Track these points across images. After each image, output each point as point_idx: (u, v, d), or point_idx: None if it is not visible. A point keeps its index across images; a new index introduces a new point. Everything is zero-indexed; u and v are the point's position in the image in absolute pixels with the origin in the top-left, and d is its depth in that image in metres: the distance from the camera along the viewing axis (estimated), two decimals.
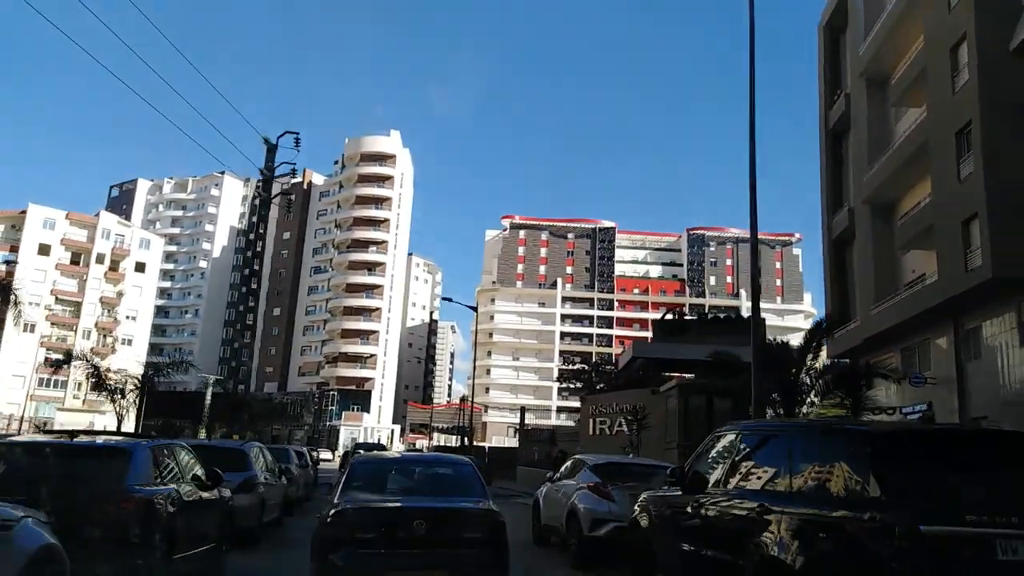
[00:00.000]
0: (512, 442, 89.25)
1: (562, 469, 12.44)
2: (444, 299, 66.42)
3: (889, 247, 27.92)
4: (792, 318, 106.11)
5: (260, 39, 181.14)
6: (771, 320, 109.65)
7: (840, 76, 32.71)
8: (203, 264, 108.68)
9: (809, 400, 14.89)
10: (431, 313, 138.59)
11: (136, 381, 32.08)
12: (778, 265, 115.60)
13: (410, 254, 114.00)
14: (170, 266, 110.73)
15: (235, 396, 44.92)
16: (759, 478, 5.63)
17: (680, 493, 6.62)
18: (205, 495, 7.85)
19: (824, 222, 32.42)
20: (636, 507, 7.73)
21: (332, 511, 6.29)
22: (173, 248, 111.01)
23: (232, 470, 10.51)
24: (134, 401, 47.80)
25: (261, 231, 24.01)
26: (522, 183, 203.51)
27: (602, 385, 36.43)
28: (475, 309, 46.36)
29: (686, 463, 6.95)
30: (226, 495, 8.73)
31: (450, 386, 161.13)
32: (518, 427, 42.44)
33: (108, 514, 6.02)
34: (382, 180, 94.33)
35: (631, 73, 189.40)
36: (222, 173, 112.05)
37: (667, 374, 29.60)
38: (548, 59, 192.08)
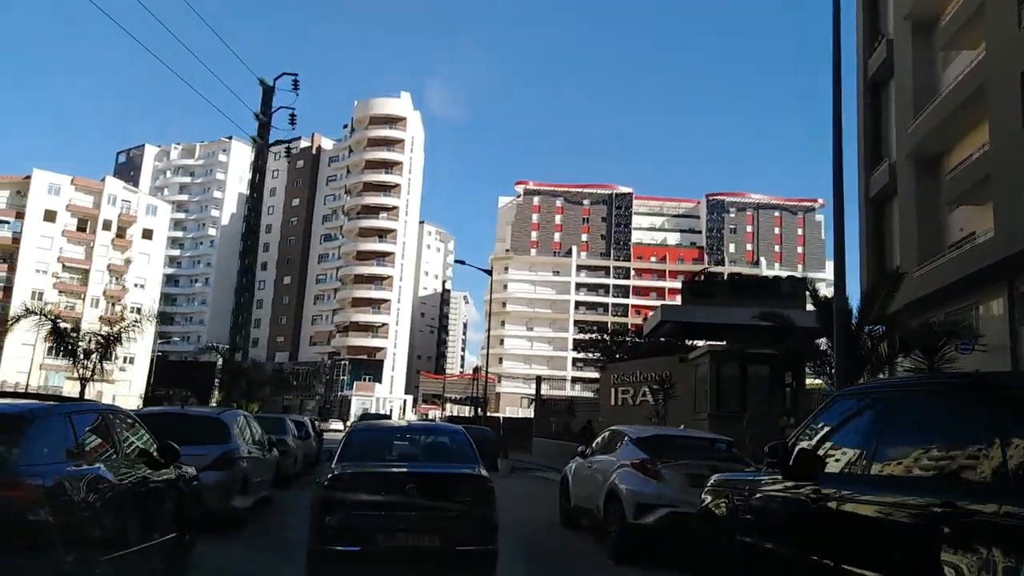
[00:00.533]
0: (526, 413, 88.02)
1: (595, 443, 10.67)
2: (457, 262, 64.20)
3: (935, 204, 25.67)
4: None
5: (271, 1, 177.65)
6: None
7: (880, 21, 30.16)
8: (212, 232, 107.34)
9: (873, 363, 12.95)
10: (444, 282, 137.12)
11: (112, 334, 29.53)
12: (800, 232, 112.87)
13: (422, 222, 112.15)
14: (179, 234, 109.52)
15: (232, 363, 43.46)
16: (933, 462, 3.77)
17: (780, 478, 4.80)
18: (153, 475, 6.10)
19: (860, 180, 30.18)
20: (707, 493, 5.91)
21: (329, 476, 6.53)
22: (181, 215, 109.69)
23: (209, 442, 8.88)
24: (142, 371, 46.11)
25: (258, 182, 22.03)
26: (536, 148, 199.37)
27: (622, 355, 34.67)
28: (489, 273, 44.53)
29: (788, 438, 5.08)
30: (189, 473, 7.00)
31: (463, 357, 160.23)
32: (533, 397, 40.83)
33: None
34: (392, 144, 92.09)
35: (648, 34, 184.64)
36: (230, 138, 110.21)
37: (692, 342, 27.71)
38: (563, 22, 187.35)
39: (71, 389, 67.02)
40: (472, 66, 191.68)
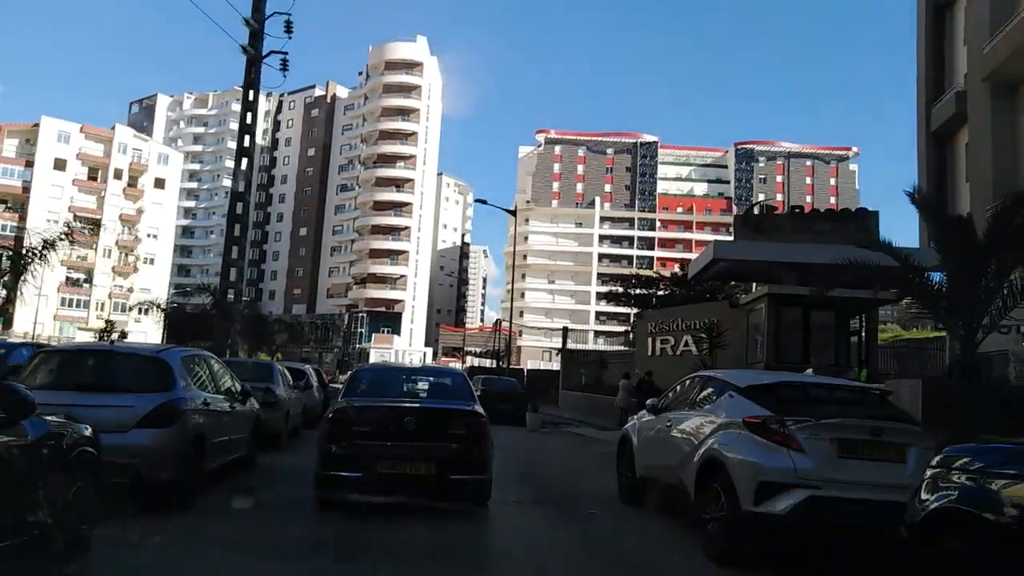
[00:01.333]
0: (548, 366, 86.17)
1: (670, 394, 8.06)
2: (478, 201, 61.48)
3: (1014, 133, 22.56)
4: None
5: None
6: None
7: None
8: (227, 183, 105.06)
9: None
10: (463, 235, 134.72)
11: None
12: (832, 182, 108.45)
13: (440, 174, 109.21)
14: (193, 185, 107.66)
15: (222, 305, 41.52)
16: None
17: None
18: None
19: (920, 112, 26.92)
20: (996, 484, 3.23)
21: (334, 408, 7.13)
22: (196, 166, 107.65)
23: (144, 390, 6.50)
24: (156, 322, 44.79)
25: (249, 123, 19.39)
26: (558, 95, 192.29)
27: (657, 303, 32.10)
28: (513, 213, 41.80)
29: None
30: (72, 437, 4.21)
31: (482, 311, 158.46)
32: (559, 349, 38.54)
33: None
34: (409, 90, 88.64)
35: None
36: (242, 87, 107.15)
37: (742, 286, 24.99)
38: None
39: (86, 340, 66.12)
40: (491, 12, 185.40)
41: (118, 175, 74.08)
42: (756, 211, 23.35)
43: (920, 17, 26.83)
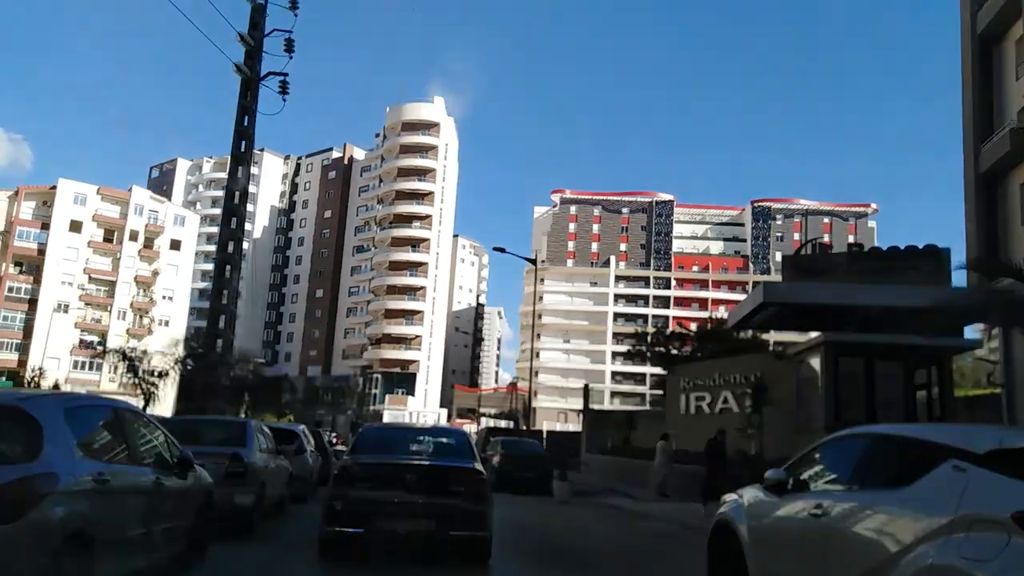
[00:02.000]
0: (565, 427, 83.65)
1: (809, 460, 5.27)
2: (496, 249, 60.72)
3: None
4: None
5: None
6: None
7: None
8: (244, 245, 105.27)
9: None
10: (478, 296, 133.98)
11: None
12: (851, 239, 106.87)
13: (455, 236, 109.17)
14: (211, 248, 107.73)
15: (208, 366, 41.10)
16: None
17: None
18: None
19: (968, 151, 25.70)
20: None
21: (339, 465, 7.57)
22: (214, 229, 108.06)
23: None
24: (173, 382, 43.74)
25: (246, 126, 18.38)
26: (573, 156, 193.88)
27: (688, 354, 30.41)
28: (534, 262, 40.33)
29: None
30: None
31: (497, 373, 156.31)
32: (581, 410, 36.73)
33: None
34: (425, 151, 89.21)
35: (689, 34, 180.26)
36: (261, 150, 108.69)
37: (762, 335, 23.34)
38: (595, 24, 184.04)
39: None
40: (503, 75, 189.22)
41: (134, 237, 74.12)
42: (808, 250, 21.71)
43: (966, 53, 25.91)
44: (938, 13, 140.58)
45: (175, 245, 76.12)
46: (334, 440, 42.85)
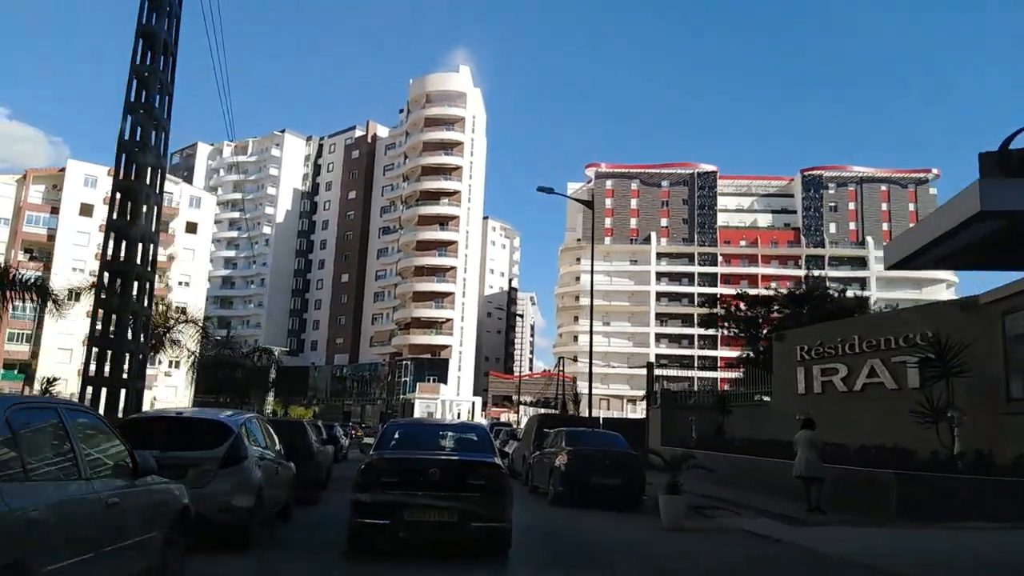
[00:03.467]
0: (622, 414, 78.07)
1: None
2: (541, 189, 53.34)
3: None
4: (931, 287, 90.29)
5: None
6: (905, 274, 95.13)
7: None
8: (267, 230, 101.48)
9: None
10: (510, 281, 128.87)
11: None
12: (911, 207, 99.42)
13: (486, 217, 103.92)
14: (233, 234, 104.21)
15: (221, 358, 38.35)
16: None
17: None
18: None
19: None
20: None
21: (365, 462, 7.65)
22: (235, 215, 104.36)
23: None
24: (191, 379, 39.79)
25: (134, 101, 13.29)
26: (606, 129, 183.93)
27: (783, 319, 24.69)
28: (590, 204, 34.44)
29: None
30: None
31: (531, 360, 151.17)
32: (644, 396, 31.25)
33: None
34: (452, 123, 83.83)
35: None
36: (282, 132, 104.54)
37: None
38: None
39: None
40: (535, 44, 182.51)
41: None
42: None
43: None
44: None
45: (191, 228, 71.87)
46: (353, 433, 39.21)
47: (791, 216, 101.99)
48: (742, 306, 32.74)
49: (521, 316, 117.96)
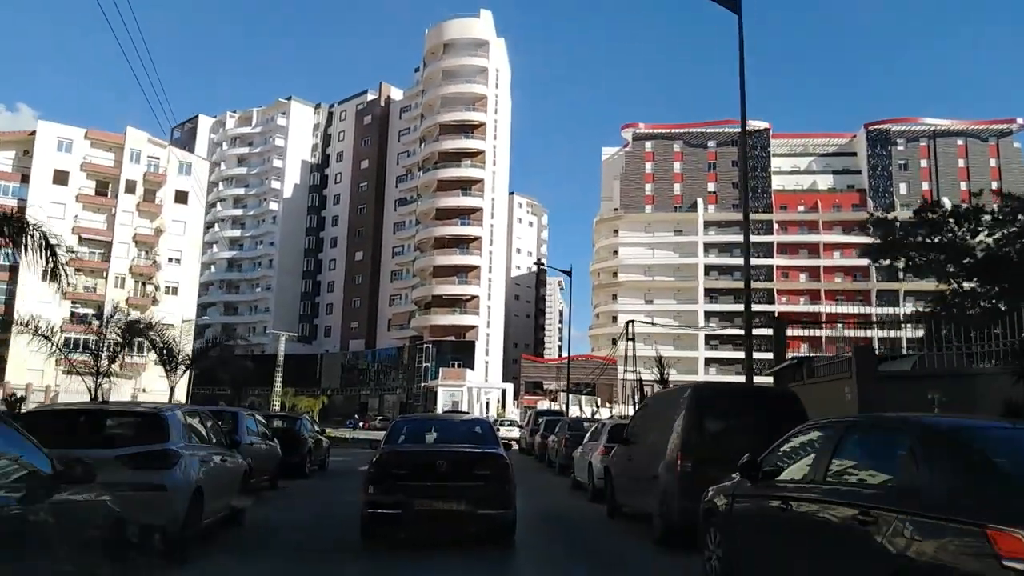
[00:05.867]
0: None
1: None
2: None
3: None
4: None
5: None
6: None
7: None
8: (274, 206, 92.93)
9: None
10: (538, 261, 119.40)
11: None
12: (993, 163, 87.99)
13: (511, 193, 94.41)
14: (238, 212, 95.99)
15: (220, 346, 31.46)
16: None
17: None
18: None
19: None
20: None
21: (376, 455, 7.97)
22: (240, 191, 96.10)
23: None
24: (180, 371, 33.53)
25: None
26: (644, 87, 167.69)
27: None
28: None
29: None
30: None
31: (560, 348, 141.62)
32: (774, 365, 21.89)
33: None
34: (473, 75, 74.24)
35: None
36: (288, 99, 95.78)
37: None
38: None
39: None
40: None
41: (131, 188, 61.68)
42: None
43: None
44: None
45: (181, 197, 63.30)
46: (363, 425, 36.82)
47: (855, 177, 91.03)
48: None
49: (543, 315, 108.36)
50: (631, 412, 21.88)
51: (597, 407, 57.72)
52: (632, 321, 40.29)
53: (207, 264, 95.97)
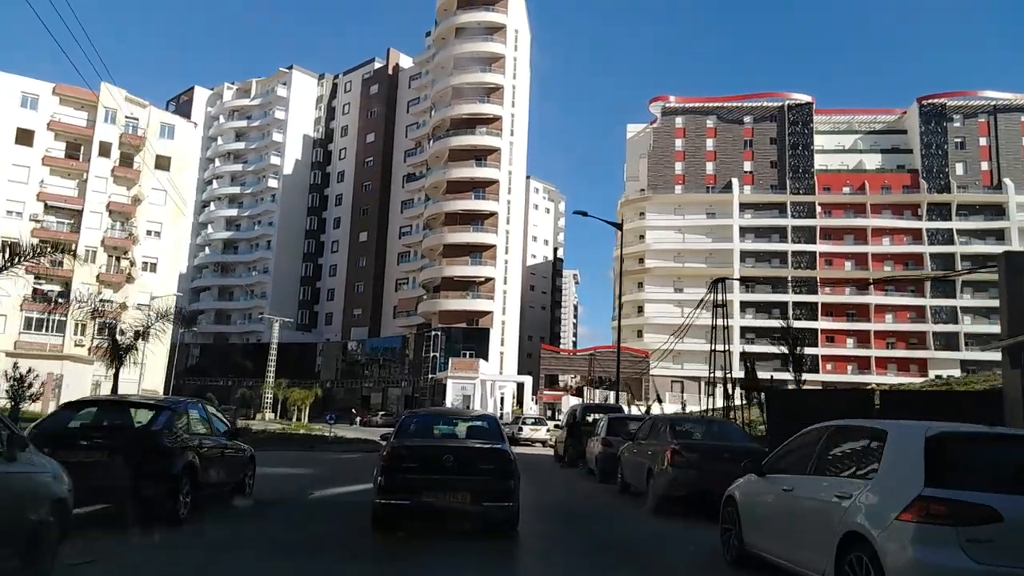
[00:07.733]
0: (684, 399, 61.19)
1: None
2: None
3: None
4: None
5: None
6: None
7: None
8: (273, 184, 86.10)
9: None
10: (555, 250, 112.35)
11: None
12: None
13: (528, 177, 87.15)
14: (236, 190, 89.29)
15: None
16: None
17: None
18: None
19: None
20: None
21: (386, 449, 8.20)
22: (238, 167, 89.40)
23: None
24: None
25: None
26: (675, 59, 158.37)
27: None
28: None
29: None
30: None
31: (575, 343, 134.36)
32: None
33: None
34: (491, 32, 66.97)
35: None
36: (289, 68, 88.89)
37: None
38: None
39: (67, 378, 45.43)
40: None
41: (105, 151, 54.88)
42: None
43: None
44: None
45: (162, 163, 56.37)
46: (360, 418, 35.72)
47: (906, 156, 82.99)
48: None
49: (559, 306, 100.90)
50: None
51: (647, 402, 50.51)
52: (724, 304, 32.79)
53: (201, 246, 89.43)
